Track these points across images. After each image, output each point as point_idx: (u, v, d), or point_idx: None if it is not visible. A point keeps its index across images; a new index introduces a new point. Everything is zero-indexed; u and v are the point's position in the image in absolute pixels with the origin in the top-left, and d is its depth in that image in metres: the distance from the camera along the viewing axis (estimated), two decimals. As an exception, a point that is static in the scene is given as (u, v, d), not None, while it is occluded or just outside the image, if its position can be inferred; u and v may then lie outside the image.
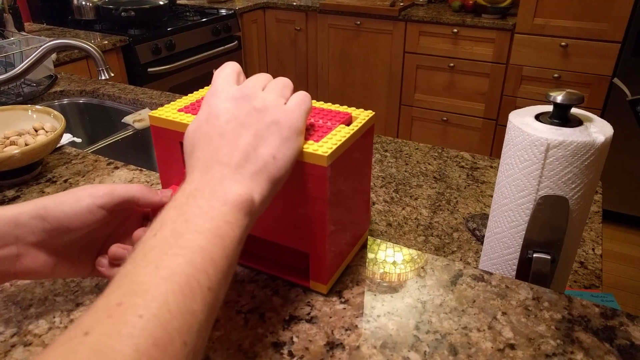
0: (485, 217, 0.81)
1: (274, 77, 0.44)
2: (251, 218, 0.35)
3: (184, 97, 0.51)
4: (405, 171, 0.95)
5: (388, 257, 0.53)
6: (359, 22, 2.57)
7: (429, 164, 0.97)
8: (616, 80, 1.83)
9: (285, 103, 0.40)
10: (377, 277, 0.50)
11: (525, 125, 0.49)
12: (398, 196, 0.87)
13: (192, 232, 0.31)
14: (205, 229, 0.32)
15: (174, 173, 0.49)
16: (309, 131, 0.43)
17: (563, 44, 2.13)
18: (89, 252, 0.45)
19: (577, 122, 0.49)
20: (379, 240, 0.55)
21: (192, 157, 0.38)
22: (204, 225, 0.32)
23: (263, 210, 0.37)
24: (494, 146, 2.50)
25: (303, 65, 2.88)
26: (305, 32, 2.77)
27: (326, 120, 0.45)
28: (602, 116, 2.17)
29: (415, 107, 2.63)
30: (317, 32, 2.73)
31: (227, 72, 0.42)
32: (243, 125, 0.38)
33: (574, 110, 0.51)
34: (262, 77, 0.43)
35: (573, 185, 0.48)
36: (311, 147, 0.40)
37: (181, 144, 0.46)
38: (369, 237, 0.55)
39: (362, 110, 0.47)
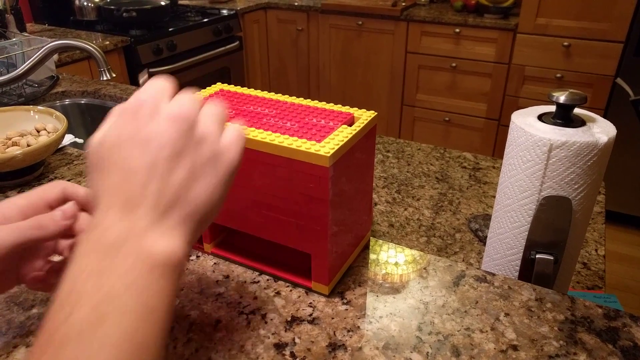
0: (487, 217, 0.80)
1: (276, 78, 0.43)
2: (180, 272, 0.31)
3: (186, 98, 0.51)
4: (408, 172, 0.95)
5: (390, 258, 0.52)
6: (360, 22, 2.57)
7: (431, 165, 0.97)
8: (619, 80, 1.82)
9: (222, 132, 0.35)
10: (379, 278, 0.49)
11: (528, 126, 0.49)
12: (400, 197, 0.87)
13: (118, 313, 0.27)
14: (132, 307, 0.27)
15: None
16: (311, 131, 0.43)
17: (565, 43, 2.12)
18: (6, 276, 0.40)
19: (580, 122, 0.49)
20: (381, 241, 0.55)
21: (107, 186, 0.31)
22: (129, 301, 0.27)
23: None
24: (496, 146, 2.49)
25: (304, 66, 2.87)
26: (306, 32, 2.77)
27: (328, 120, 0.45)
28: (604, 116, 2.17)
29: (417, 108, 2.62)
30: (318, 32, 2.73)
31: (163, 85, 0.35)
32: (179, 155, 0.32)
33: (577, 110, 0.51)
34: (194, 97, 0.35)
35: (576, 186, 0.48)
36: (313, 147, 0.40)
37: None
38: (371, 238, 0.55)
39: (364, 110, 0.47)
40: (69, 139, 0.92)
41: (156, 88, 0.35)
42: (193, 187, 0.32)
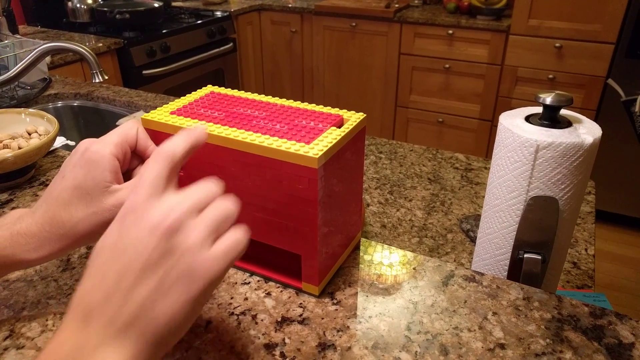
0: (479, 218, 0.81)
1: (270, 80, 0.44)
2: None
3: (177, 100, 0.51)
4: (400, 173, 0.95)
5: (380, 259, 0.53)
6: (354, 24, 2.58)
7: (424, 166, 0.98)
8: (610, 81, 1.84)
9: (213, 241, 0.33)
10: (369, 278, 0.50)
11: (515, 127, 0.49)
12: (392, 198, 0.87)
13: None
14: None
15: (166, 176, 0.49)
16: (300, 133, 0.43)
17: (557, 45, 2.14)
18: None
19: (566, 123, 0.50)
20: (371, 242, 0.56)
21: (80, 291, 0.31)
22: None
23: None
24: (489, 147, 2.51)
25: (298, 67, 2.88)
26: (300, 33, 2.78)
27: (317, 122, 0.45)
28: (596, 117, 2.19)
29: (410, 109, 2.63)
30: (312, 33, 2.74)
31: (158, 173, 0.34)
32: (148, 269, 0.30)
33: (563, 111, 0.51)
34: (201, 196, 0.34)
35: (563, 186, 0.49)
36: (302, 149, 0.40)
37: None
38: (361, 238, 0.56)
39: (353, 112, 0.48)
40: (60, 141, 0.92)
41: (149, 187, 0.33)
42: (157, 305, 0.30)
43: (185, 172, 0.48)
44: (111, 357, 0.29)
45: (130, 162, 0.44)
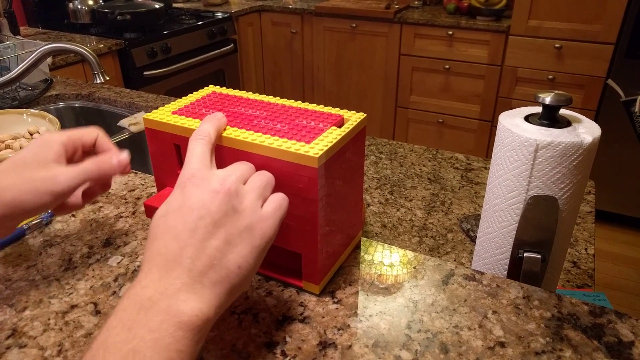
0: (479, 217, 0.81)
1: (271, 81, 0.44)
2: (204, 333, 0.33)
3: (179, 100, 0.52)
4: (400, 173, 0.95)
5: (381, 258, 0.53)
6: (354, 25, 2.58)
7: (424, 166, 0.98)
8: (610, 82, 1.84)
9: (262, 205, 0.38)
10: (370, 277, 0.50)
11: (514, 126, 0.50)
12: (393, 198, 0.88)
13: None
14: None
15: (168, 175, 0.50)
16: (301, 132, 0.43)
17: (557, 45, 2.14)
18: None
19: (565, 122, 0.50)
20: (372, 241, 0.56)
21: (153, 249, 0.35)
22: (154, 356, 0.29)
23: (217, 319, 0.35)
24: (489, 148, 2.51)
25: (299, 68, 2.88)
26: (301, 34, 2.78)
27: (318, 122, 0.46)
28: (596, 117, 2.19)
29: (411, 109, 2.64)
30: (312, 34, 2.74)
31: (202, 150, 0.39)
32: (216, 225, 0.35)
33: (562, 111, 0.52)
34: (244, 169, 0.40)
35: (562, 185, 0.49)
36: (302, 148, 0.40)
37: (175, 145, 0.47)
38: (362, 237, 0.56)
39: (353, 112, 0.48)
40: (62, 142, 0.92)
41: (199, 160, 0.38)
42: (227, 255, 0.35)
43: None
44: (192, 298, 0.32)
45: (79, 159, 0.48)
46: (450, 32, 2.35)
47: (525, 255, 0.52)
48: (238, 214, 0.36)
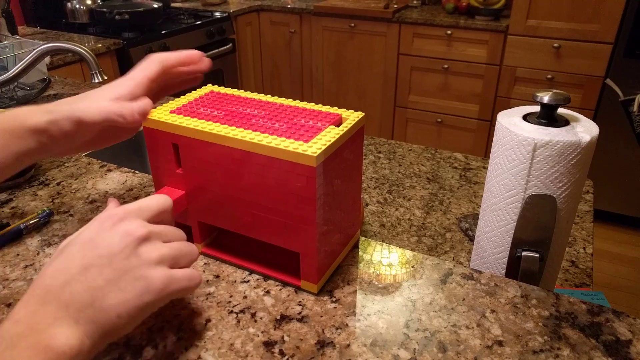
0: (477, 217, 0.81)
1: (269, 81, 0.44)
2: None
3: (177, 99, 0.51)
4: (399, 172, 0.95)
5: (379, 257, 0.53)
6: (353, 24, 2.58)
7: (422, 165, 0.98)
8: (608, 81, 1.85)
9: (171, 267, 0.38)
10: (368, 276, 0.50)
11: (512, 126, 0.50)
12: (391, 197, 0.88)
13: None
14: None
15: (166, 174, 0.50)
16: (299, 131, 0.43)
17: (556, 45, 2.14)
18: None
19: (563, 122, 0.50)
20: (370, 240, 0.56)
21: (42, 275, 0.35)
22: None
23: (90, 358, 0.35)
24: (488, 147, 2.51)
25: (298, 68, 2.88)
26: (299, 34, 2.78)
27: (316, 121, 0.46)
28: (594, 117, 2.19)
29: (409, 109, 2.64)
30: (311, 34, 2.74)
31: (152, 203, 0.41)
32: (112, 265, 0.35)
33: (561, 110, 0.52)
34: (173, 232, 0.40)
35: (560, 184, 0.49)
36: (300, 147, 0.40)
37: (174, 145, 0.47)
38: (360, 237, 0.56)
39: (352, 111, 0.48)
40: (60, 141, 0.92)
41: (135, 209, 0.39)
42: (109, 298, 0.34)
43: (184, 170, 0.48)
44: (63, 333, 0.32)
45: (148, 92, 0.51)
46: (449, 32, 2.35)
47: (523, 254, 0.52)
48: (140, 262, 0.36)
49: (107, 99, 0.47)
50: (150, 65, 0.51)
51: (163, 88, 0.55)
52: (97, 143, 0.53)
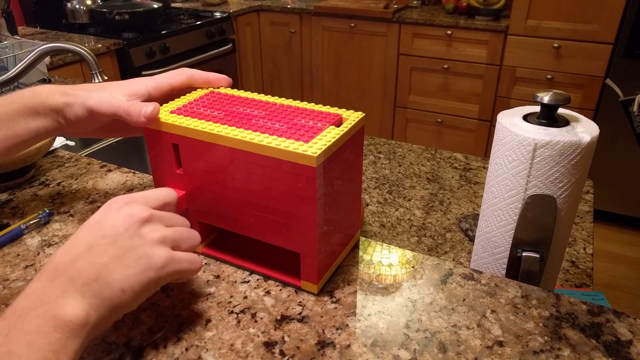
0: (478, 217, 0.81)
1: (269, 81, 0.45)
2: (83, 340, 0.35)
3: (177, 99, 0.51)
4: (399, 172, 0.95)
5: (379, 257, 0.53)
6: (353, 25, 2.58)
7: (422, 165, 0.98)
8: (608, 81, 1.85)
9: (172, 248, 0.40)
10: (369, 276, 0.50)
11: (513, 126, 0.50)
12: (391, 197, 0.88)
13: None
14: None
15: (166, 174, 0.49)
16: (299, 132, 0.43)
17: (556, 45, 2.14)
18: None
19: (564, 122, 0.50)
20: (370, 241, 0.56)
21: (54, 254, 0.37)
22: (29, 357, 0.31)
23: (97, 333, 0.37)
24: (488, 147, 2.51)
25: (298, 68, 2.88)
26: (299, 34, 2.78)
27: (316, 121, 0.46)
28: (594, 117, 2.19)
29: (409, 109, 2.64)
30: (311, 34, 2.74)
31: (158, 194, 0.43)
32: (116, 243, 0.38)
33: (561, 110, 0.52)
34: (175, 218, 0.43)
35: (560, 185, 0.49)
36: (301, 147, 0.40)
37: (174, 145, 0.47)
38: (360, 237, 0.56)
39: (352, 111, 0.48)
40: (60, 141, 0.92)
41: (140, 197, 0.42)
42: (114, 273, 0.37)
43: (184, 171, 0.48)
44: (70, 304, 0.34)
45: (172, 96, 0.53)
46: (449, 32, 2.35)
47: (523, 254, 0.52)
48: (143, 241, 0.38)
49: (123, 93, 0.49)
50: (178, 75, 0.53)
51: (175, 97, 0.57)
52: (110, 132, 0.55)
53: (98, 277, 0.36)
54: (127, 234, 0.38)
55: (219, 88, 0.55)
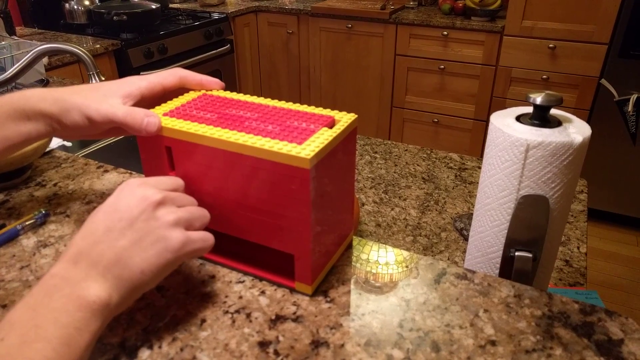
0: (472, 217, 0.82)
1: (267, 81, 0.45)
2: (104, 320, 0.37)
3: (170, 102, 0.52)
4: (395, 172, 0.96)
5: (373, 257, 0.53)
6: (350, 25, 2.58)
7: (418, 165, 0.98)
8: (603, 82, 1.85)
9: (185, 229, 0.41)
10: (363, 276, 0.50)
11: (505, 126, 0.50)
12: (387, 197, 0.88)
13: (41, 340, 0.32)
14: (55, 337, 0.33)
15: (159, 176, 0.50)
16: (292, 134, 0.44)
17: (551, 45, 2.15)
18: None
19: (556, 122, 0.50)
20: (364, 240, 0.56)
21: (75, 238, 0.39)
22: (54, 332, 0.33)
23: (118, 313, 0.39)
24: (484, 147, 2.52)
25: (295, 68, 2.89)
26: (297, 35, 2.78)
27: (309, 123, 0.46)
28: (590, 117, 2.20)
29: (406, 109, 2.64)
30: (308, 35, 2.74)
31: (167, 179, 0.44)
32: (133, 227, 0.39)
33: (553, 111, 0.52)
34: (185, 198, 0.44)
35: (553, 185, 0.49)
36: (294, 149, 0.41)
37: (166, 148, 0.47)
38: (354, 237, 0.56)
39: (344, 113, 0.48)
40: (57, 142, 0.92)
41: (153, 180, 0.43)
42: (133, 257, 0.38)
43: (178, 173, 0.48)
44: (93, 286, 0.36)
45: (164, 98, 0.52)
46: (445, 33, 2.36)
47: (516, 254, 0.52)
48: (158, 223, 0.39)
49: (118, 96, 0.48)
50: (170, 76, 0.53)
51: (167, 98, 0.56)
52: (106, 133, 0.54)
53: (118, 261, 0.38)
54: (143, 217, 0.39)
55: (211, 91, 0.55)
